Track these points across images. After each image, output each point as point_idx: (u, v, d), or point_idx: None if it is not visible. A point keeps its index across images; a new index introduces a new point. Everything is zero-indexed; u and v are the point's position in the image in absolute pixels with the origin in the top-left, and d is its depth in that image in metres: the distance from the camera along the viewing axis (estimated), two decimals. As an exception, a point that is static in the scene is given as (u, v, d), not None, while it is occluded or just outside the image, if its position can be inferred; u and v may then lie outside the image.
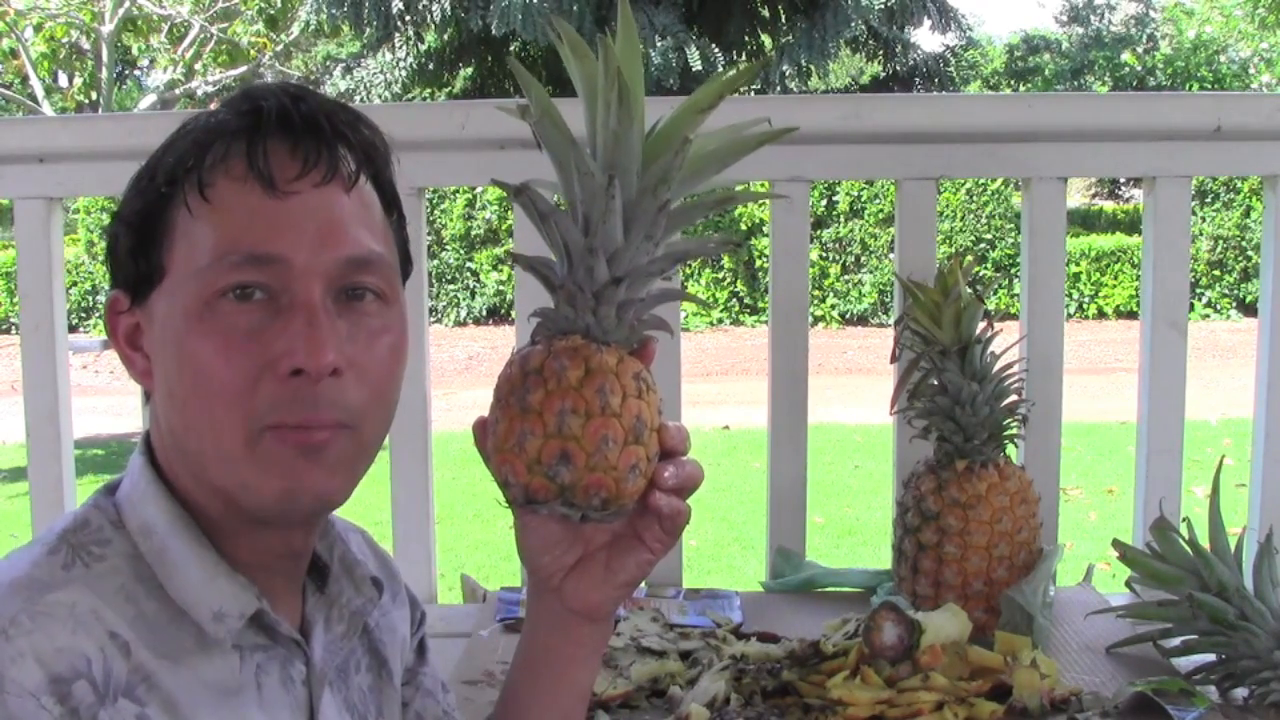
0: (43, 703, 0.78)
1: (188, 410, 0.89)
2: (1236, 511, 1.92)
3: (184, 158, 0.91)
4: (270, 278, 0.88)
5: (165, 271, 0.91)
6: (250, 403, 0.87)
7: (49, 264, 2.01)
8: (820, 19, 15.57)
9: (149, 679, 0.85)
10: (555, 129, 0.88)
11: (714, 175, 0.92)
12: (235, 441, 0.87)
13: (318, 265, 0.89)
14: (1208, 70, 22.60)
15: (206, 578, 0.90)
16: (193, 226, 0.89)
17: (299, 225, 0.89)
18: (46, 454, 2.02)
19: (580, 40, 0.89)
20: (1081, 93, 19.93)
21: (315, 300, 0.88)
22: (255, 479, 0.88)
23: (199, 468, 0.90)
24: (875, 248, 14.51)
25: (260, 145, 0.89)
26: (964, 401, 1.71)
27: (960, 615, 1.52)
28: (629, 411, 0.85)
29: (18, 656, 0.78)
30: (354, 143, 0.93)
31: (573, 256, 0.88)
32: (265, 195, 0.88)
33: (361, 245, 0.91)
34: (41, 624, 0.81)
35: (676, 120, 0.89)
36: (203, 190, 0.89)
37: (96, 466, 6.52)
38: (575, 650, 0.99)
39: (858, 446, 7.19)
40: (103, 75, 15.53)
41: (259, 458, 0.87)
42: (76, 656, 0.81)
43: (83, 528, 0.91)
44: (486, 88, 16.82)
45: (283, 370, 0.86)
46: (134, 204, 0.93)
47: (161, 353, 0.91)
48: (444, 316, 14.45)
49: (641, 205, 0.88)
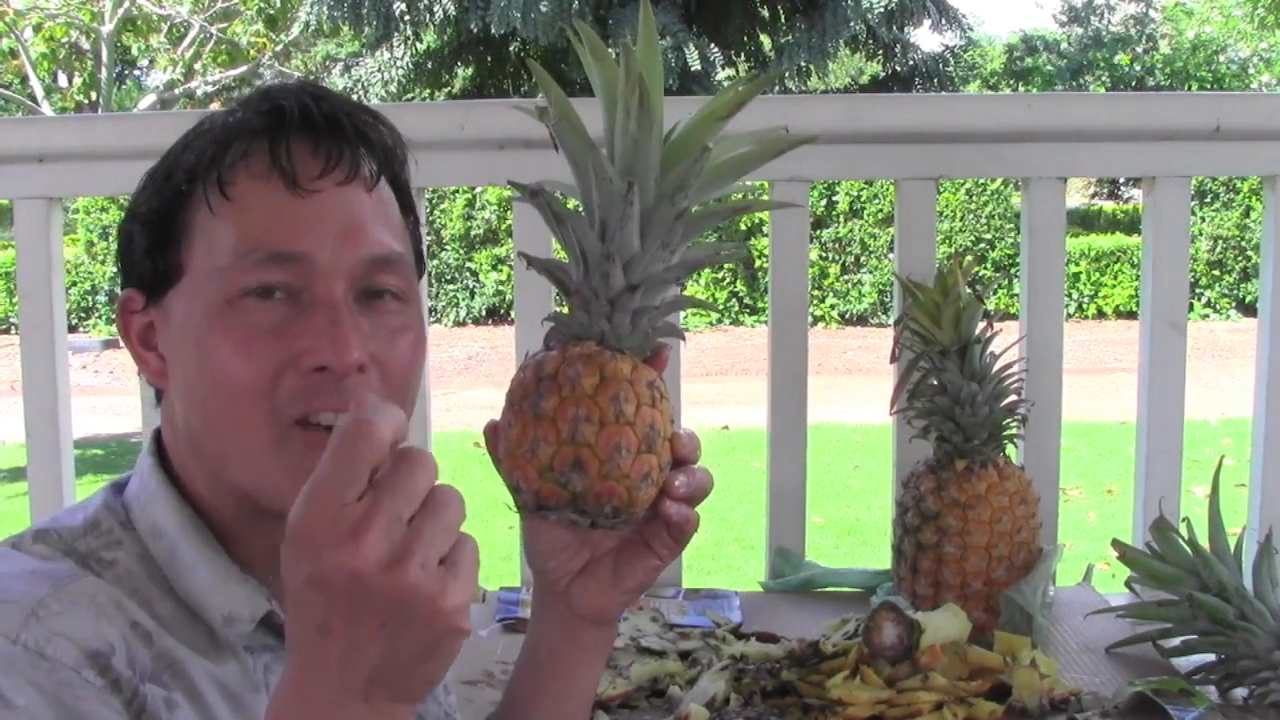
0: (85, 676, 0.79)
1: (209, 409, 0.89)
2: (1236, 511, 1.92)
3: (203, 156, 0.90)
4: (293, 276, 0.88)
5: (184, 270, 0.90)
6: (272, 399, 0.87)
7: (49, 264, 2.01)
8: (820, 19, 15.58)
9: (173, 665, 0.86)
10: (574, 132, 0.87)
11: (731, 183, 0.91)
12: (263, 440, 0.88)
13: (341, 264, 0.89)
14: (1207, 70, 22.61)
15: (217, 581, 0.90)
16: (213, 225, 0.89)
17: (322, 223, 0.89)
18: (46, 454, 2.02)
19: (601, 43, 0.88)
20: (1081, 93, 19.94)
21: (338, 298, 0.89)
22: (281, 476, 0.88)
23: (219, 467, 0.90)
24: (875, 248, 14.52)
25: (283, 143, 0.89)
26: (964, 401, 1.71)
27: (960, 615, 1.52)
28: (642, 420, 0.85)
29: (52, 636, 0.79)
30: (374, 143, 0.94)
31: (588, 261, 0.87)
32: (288, 193, 0.89)
33: (383, 245, 0.92)
34: (69, 608, 0.81)
35: (695, 127, 0.89)
36: (223, 188, 0.89)
37: (96, 466, 6.52)
38: (580, 653, 0.99)
39: (857, 446, 7.19)
40: (102, 75, 15.54)
41: (287, 458, 0.87)
42: (103, 640, 0.81)
43: (92, 530, 0.91)
44: (486, 88, 16.82)
45: (306, 366, 0.87)
46: (151, 202, 0.93)
47: (180, 352, 0.91)
48: (444, 316, 14.45)
49: (659, 212, 0.87)
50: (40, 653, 0.78)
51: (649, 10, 0.88)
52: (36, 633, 0.79)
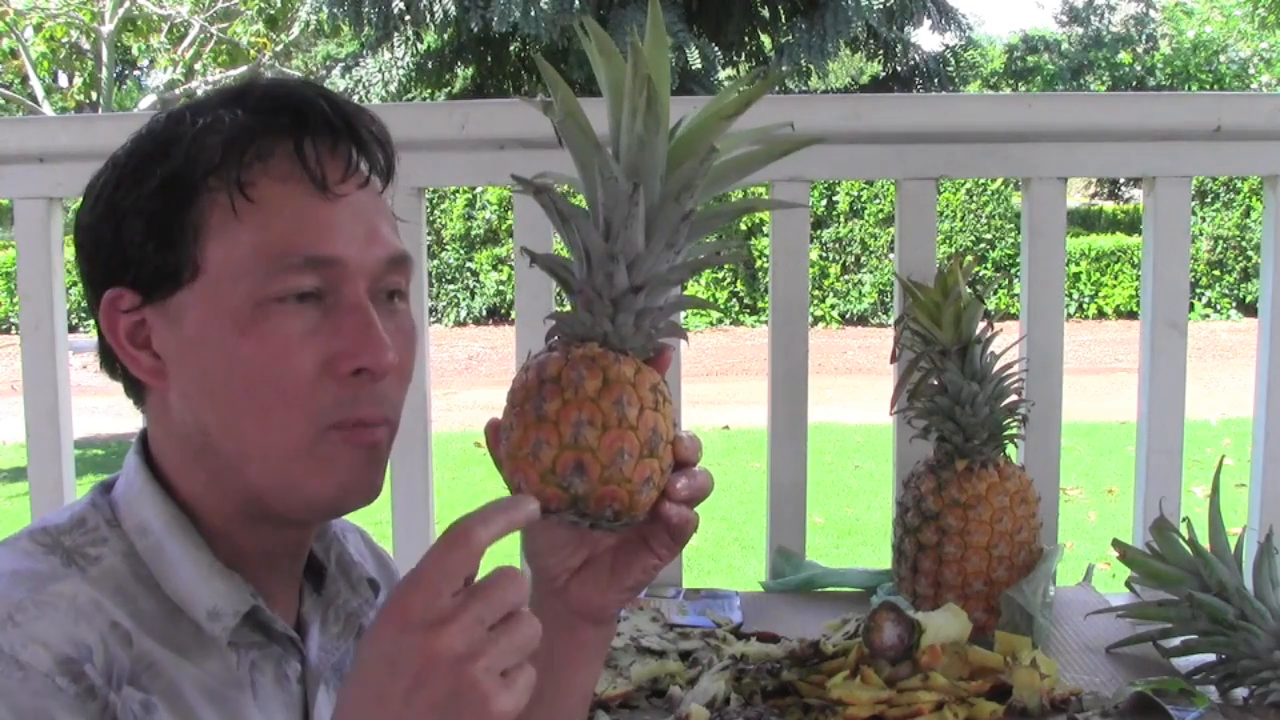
0: (58, 683, 0.79)
1: (234, 411, 0.89)
2: (1236, 511, 1.92)
3: (214, 155, 0.89)
4: (324, 280, 0.88)
5: (199, 271, 0.89)
6: (311, 403, 0.87)
7: (49, 264, 2.01)
8: (820, 19, 15.57)
9: (152, 667, 0.86)
10: (580, 131, 0.87)
11: (735, 183, 0.91)
12: (298, 442, 0.88)
13: (366, 266, 0.90)
14: (1207, 70, 22.60)
15: (202, 577, 0.90)
16: (233, 227, 0.88)
17: (351, 227, 0.90)
18: (46, 454, 2.02)
19: (609, 40, 0.87)
20: (1081, 93, 19.94)
21: (365, 300, 0.90)
22: (309, 478, 0.89)
23: (234, 467, 0.90)
24: (875, 248, 14.52)
25: (310, 146, 0.89)
26: (964, 401, 1.71)
27: (960, 615, 1.52)
28: (645, 424, 0.85)
29: (28, 641, 0.79)
30: (382, 144, 0.95)
31: (592, 261, 0.87)
32: (316, 197, 0.89)
33: (395, 245, 0.93)
34: (46, 612, 0.82)
35: (701, 127, 0.88)
36: (244, 189, 0.88)
37: (96, 466, 6.52)
38: (578, 652, 0.99)
39: (858, 446, 7.19)
40: (103, 75, 15.53)
41: (319, 457, 0.88)
42: (79, 645, 0.81)
43: (79, 527, 0.91)
44: (486, 88, 16.82)
45: (344, 370, 0.88)
46: (150, 201, 0.90)
47: (194, 353, 0.90)
48: (444, 316, 14.46)
49: (664, 212, 0.87)
50: (15, 659, 0.78)
51: (658, 10, 0.87)
52: (12, 637, 0.79)
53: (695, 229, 0.88)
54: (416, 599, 0.75)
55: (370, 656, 0.76)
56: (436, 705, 0.74)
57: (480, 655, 0.74)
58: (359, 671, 0.76)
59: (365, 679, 0.76)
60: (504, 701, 0.75)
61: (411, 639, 0.74)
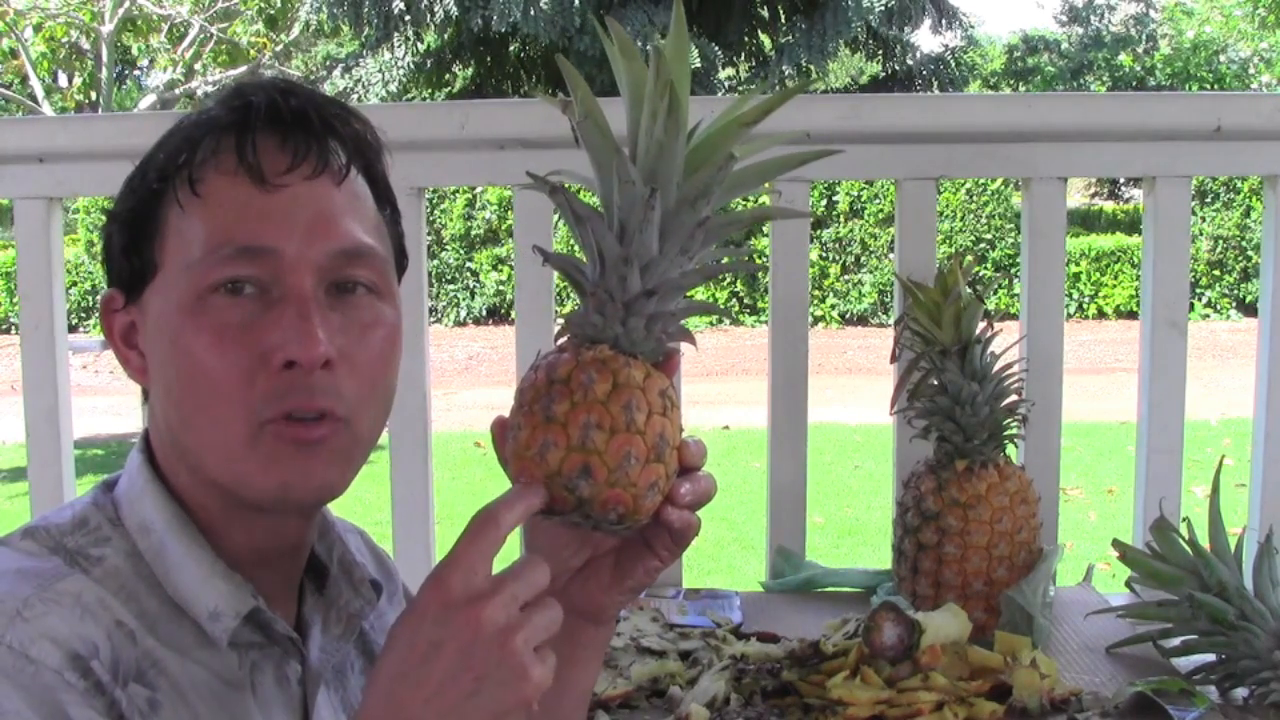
0: (67, 678, 0.79)
1: (184, 406, 0.89)
2: (1236, 511, 1.92)
3: (175, 154, 0.91)
4: (261, 270, 0.88)
5: (158, 267, 0.91)
6: (248, 398, 0.87)
7: (49, 264, 2.01)
8: (820, 19, 15.59)
9: (156, 665, 0.86)
10: (599, 132, 0.86)
11: (749, 189, 0.90)
12: (237, 437, 0.87)
13: (309, 257, 0.89)
14: (1207, 70, 22.59)
15: (203, 577, 0.90)
16: (184, 222, 0.89)
17: (289, 217, 0.89)
18: (46, 454, 2.02)
19: (630, 41, 0.87)
20: (1081, 93, 19.94)
21: (307, 292, 0.88)
22: (254, 473, 0.88)
23: (197, 462, 0.91)
24: (875, 248, 14.51)
25: (250, 139, 0.89)
26: (964, 401, 1.71)
27: (960, 615, 1.52)
28: (653, 429, 0.85)
29: (37, 637, 0.79)
30: (344, 136, 0.94)
31: (605, 263, 0.87)
32: (255, 189, 0.89)
33: (352, 238, 0.91)
34: (53, 608, 0.82)
35: (720, 134, 0.88)
36: (193, 185, 0.89)
37: (96, 466, 6.52)
38: (577, 651, 0.99)
39: (858, 446, 7.19)
40: (102, 75, 15.54)
41: (259, 453, 0.88)
42: (86, 642, 0.82)
43: (80, 528, 0.91)
44: (486, 88, 16.83)
45: (276, 363, 0.87)
46: (127, 202, 0.93)
47: (157, 349, 0.91)
48: (444, 316, 14.45)
49: (679, 218, 0.86)
50: (25, 654, 0.78)
51: (681, 12, 0.86)
52: (21, 633, 0.79)
53: (710, 235, 0.88)
54: (455, 577, 0.78)
55: (406, 642, 0.78)
56: (481, 677, 0.77)
57: (519, 629, 0.78)
58: (390, 658, 0.79)
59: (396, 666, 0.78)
60: (540, 675, 0.79)
61: (455, 615, 0.77)
